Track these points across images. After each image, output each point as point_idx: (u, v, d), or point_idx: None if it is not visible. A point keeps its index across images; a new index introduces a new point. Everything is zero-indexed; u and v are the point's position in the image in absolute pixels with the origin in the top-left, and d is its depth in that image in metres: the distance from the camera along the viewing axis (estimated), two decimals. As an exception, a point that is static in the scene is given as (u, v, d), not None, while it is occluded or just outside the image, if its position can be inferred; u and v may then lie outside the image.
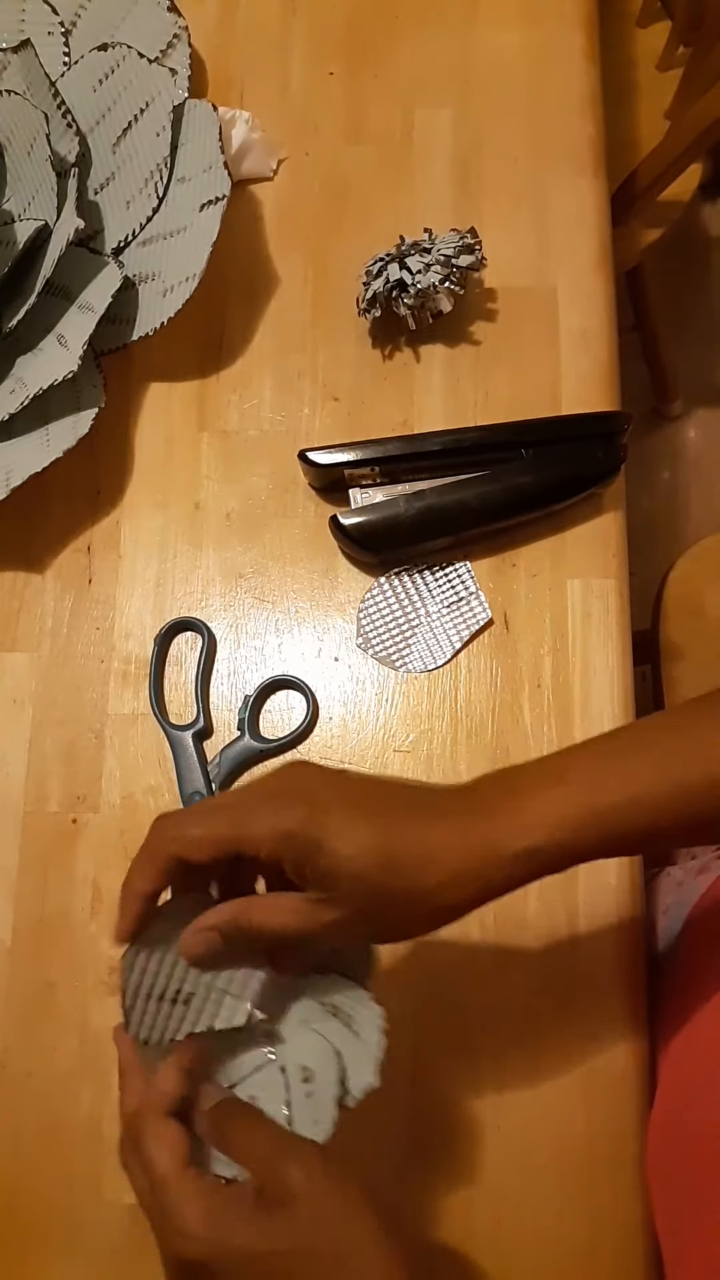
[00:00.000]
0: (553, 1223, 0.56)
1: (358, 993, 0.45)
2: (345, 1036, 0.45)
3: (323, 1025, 0.45)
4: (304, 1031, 0.46)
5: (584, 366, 0.69)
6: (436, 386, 0.70)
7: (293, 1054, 0.45)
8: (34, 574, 0.69)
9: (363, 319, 0.70)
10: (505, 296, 0.71)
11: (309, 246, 0.74)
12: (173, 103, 0.69)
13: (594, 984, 0.59)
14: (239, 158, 0.73)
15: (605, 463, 0.64)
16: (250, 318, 0.72)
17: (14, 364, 0.69)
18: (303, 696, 0.65)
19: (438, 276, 0.66)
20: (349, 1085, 0.44)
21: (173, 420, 0.71)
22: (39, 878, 0.64)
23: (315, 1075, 0.44)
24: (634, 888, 0.60)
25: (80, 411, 0.66)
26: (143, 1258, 0.57)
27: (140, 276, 0.69)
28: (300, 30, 0.78)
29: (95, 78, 0.71)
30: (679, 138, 0.97)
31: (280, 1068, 0.45)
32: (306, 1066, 0.44)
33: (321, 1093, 0.43)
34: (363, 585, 0.67)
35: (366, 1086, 0.43)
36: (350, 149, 0.75)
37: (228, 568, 0.68)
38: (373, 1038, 0.44)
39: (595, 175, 0.73)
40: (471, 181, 0.73)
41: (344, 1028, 0.45)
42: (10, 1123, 0.60)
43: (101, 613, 0.68)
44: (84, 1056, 0.61)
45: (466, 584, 0.65)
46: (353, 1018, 0.45)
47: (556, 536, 0.66)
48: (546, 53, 0.76)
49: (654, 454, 1.57)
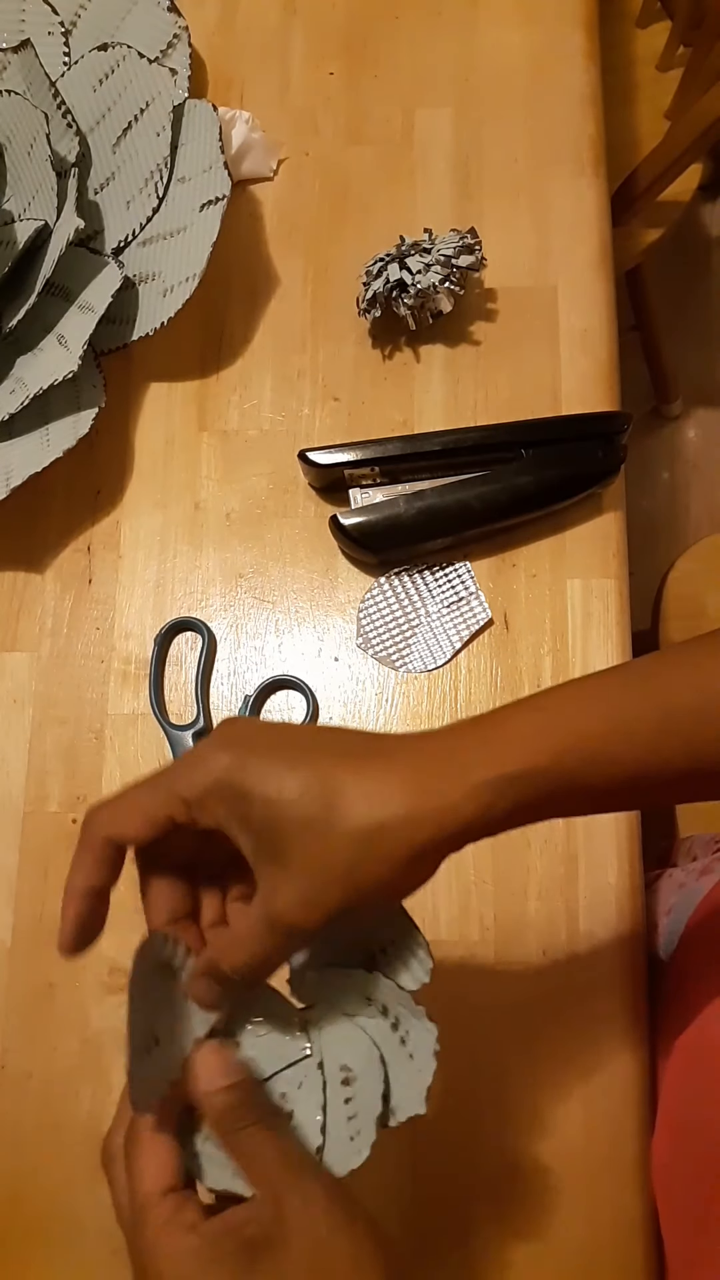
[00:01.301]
0: (553, 1223, 0.56)
1: (410, 1003, 0.40)
2: (393, 1045, 0.39)
3: (368, 1021, 0.40)
4: (345, 1023, 0.40)
5: (584, 366, 0.69)
6: (436, 386, 0.70)
7: (331, 1047, 0.40)
8: (34, 574, 0.69)
9: (363, 319, 0.70)
10: (505, 296, 0.71)
11: (309, 246, 0.74)
12: (173, 103, 0.69)
13: (594, 984, 0.59)
14: (239, 158, 0.73)
15: (605, 463, 0.64)
16: (250, 318, 0.73)
17: (14, 364, 0.69)
18: (303, 696, 0.65)
19: (438, 277, 0.66)
20: (393, 1105, 0.38)
21: (173, 420, 0.71)
22: (39, 878, 0.64)
23: (356, 1080, 0.39)
24: (634, 888, 0.60)
25: (80, 411, 0.66)
26: (143, 1258, 0.58)
27: (140, 276, 0.69)
28: (300, 30, 0.78)
29: (95, 78, 0.71)
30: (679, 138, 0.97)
31: (318, 1064, 0.40)
32: (347, 1066, 0.39)
33: (364, 1106, 0.38)
34: (363, 585, 0.67)
35: (413, 1114, 0.38)
36: (350, 149, 0.75)
37: (228, 568, 0.68)
38: (425, 1058, 0.38)
39: (595, 175, 0.73)
40: (471, 181, 0.73)
41: (391, 1033, 0.40)
42: (10, 1123, 0.60)
43: (101, 613, 0.68)
44: (84, 1056, 0.61)
45: (466, 584, 0.65)
46: (405, 1028, 0.39)
47: (556, 536, 0.66)
48: (546, 53, 0.76)
49: (654, 454, 1.57)
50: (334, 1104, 0.39)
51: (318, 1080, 0.39)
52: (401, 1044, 0.39)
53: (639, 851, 0.61)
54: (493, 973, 0.59)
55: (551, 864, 0.60)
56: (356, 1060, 0.39)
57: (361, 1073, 0.39)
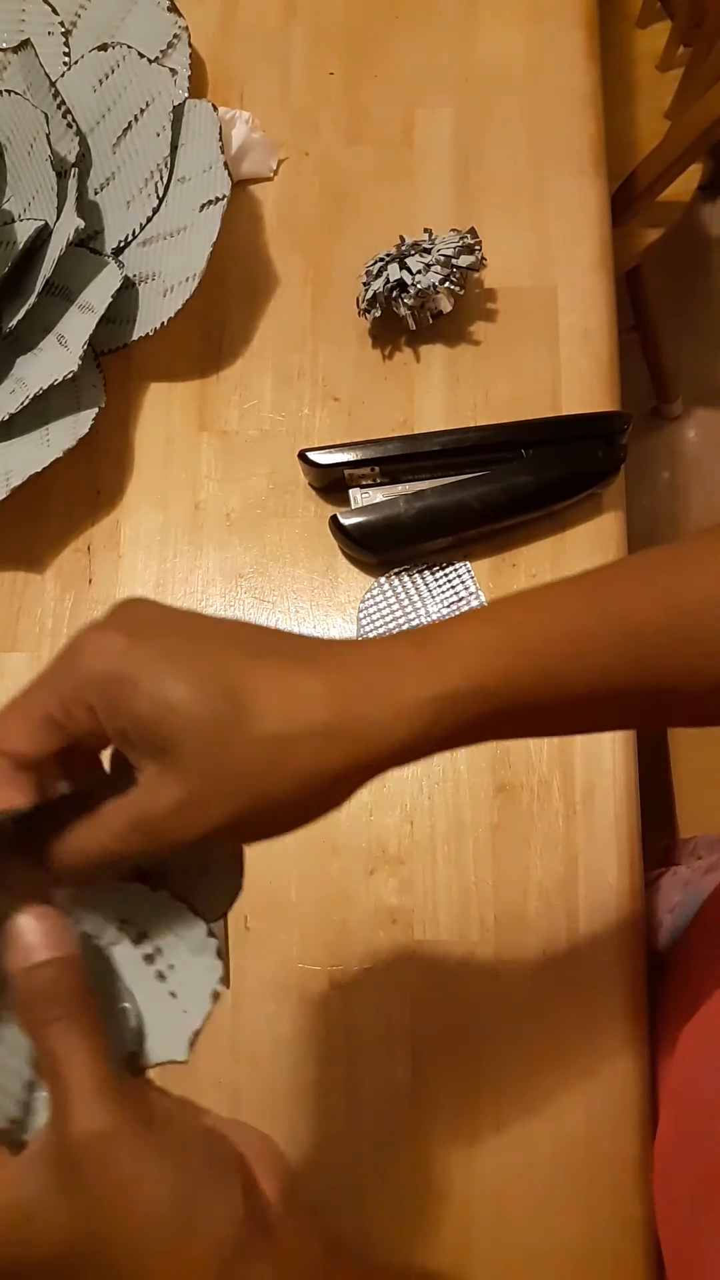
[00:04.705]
0: (553, 1223, 0.56)
1: (190, 928, 0.33)
2: (144, 980, 0.33)
3: (113, 949, 0.34)
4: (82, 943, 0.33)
5: (584, 366, 0.69)
6: (436, 386, 0.70)
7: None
8: (34, 574, 0.69)
9: (363, 319, 0.70)
10: (505, 296, 0.71)
11: (309, 246, 0.74)
12: (173, 103, 0.69)
13: (594, 984, 0.59)
14: (239, 158, 0.73)
15: (605, 463, 0.64)
16: (250, 318, 0.72)
17: (14, 364, 0.69)
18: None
19: (438, 276, 0.66)
20: (148, 1047, 0.33)
21: (173, 420, 0.71)
22: (39, 878, 0.64)
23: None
24: (635, 889, 0.60)
25: (80, 411, 0.66)
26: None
27: (140, 276, 0.69)
28: (300, 30, 0.78)
29: (95, 78, 0.71)
30: (679, 138, 0.97)
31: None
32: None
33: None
34: (363, 585, 0.67)
35: (170, 1059, 0.32)
36: (350, 149, 0.75)
37: (228, 568, 0.68)
38: (194, 999, 0.32)
39: (595, 175, 0.73)
40: (471, 181, 0.73)
41: (144, 964, 0.33)
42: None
43: (102, 613, 0.68)
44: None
45: (466, 584, 0.65)
46: (167, 961, 0.33)
47: (556, 536, 0.66)
48: (546, 53, 0.76)
49: (654, 454, 1.57)
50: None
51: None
52: (159, 979, 0.33)
53: (639, 852, 0.61)
54: (493, 973, 0.59)
55: (552, 864, 0.60)
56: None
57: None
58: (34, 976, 0.30)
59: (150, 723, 0.30)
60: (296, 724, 0.30)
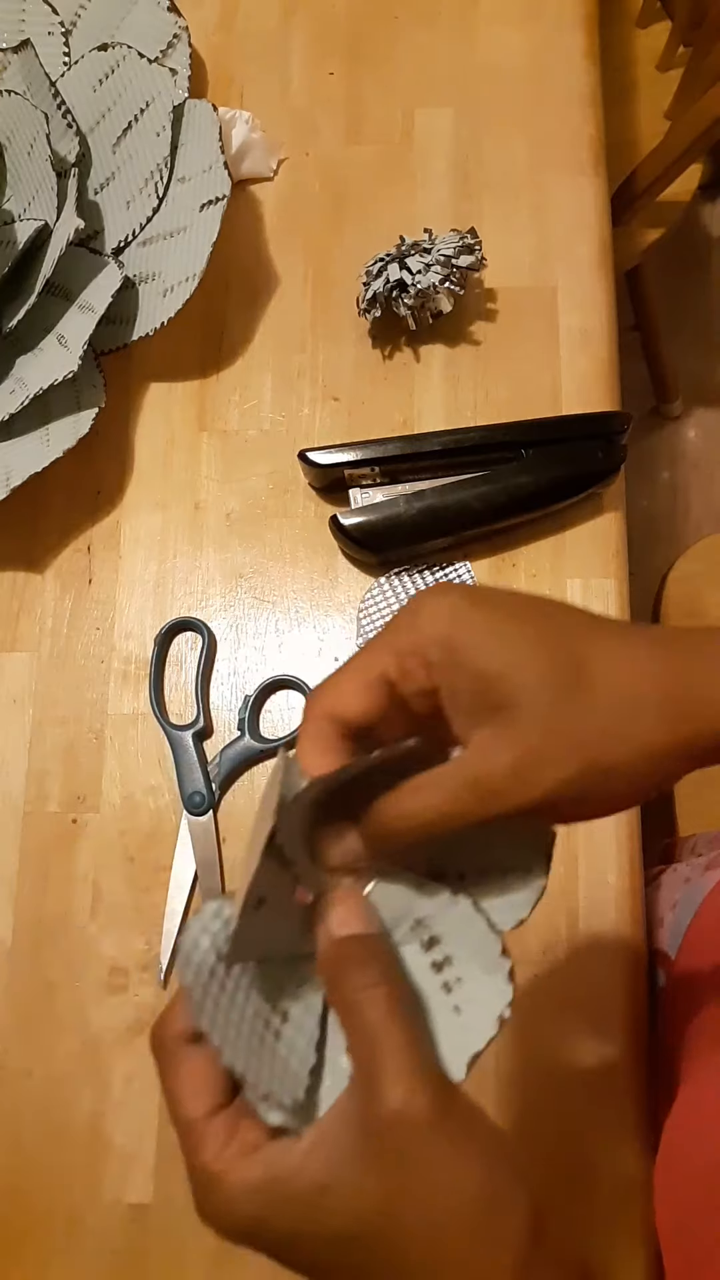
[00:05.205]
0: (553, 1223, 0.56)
1: (486, 944, 0.32)
2: (431, 988, 0.32)
3: (404, 949, 0.33)
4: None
5: (584, 366, 0.69)
6: (436, 386, 0.70)
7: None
8: (34, 574, 0.69)
9: (363, 319, 0.70)
10: (505, 296, 0.71)
11: (309, 246, 0.74)
12: (173, 103, 0.69)
13: (594, 983, 0.59)
14: (239, 158, 0.73)
15: (605, 463, 0.64)
16: (250, 318, 0.73)
17: (14, 364, 0.69)
18: (303, 696, 0.65)
19: (438, 276, 0.66)
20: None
21: (173, 420, 0.71)
22: (39, 878, 0.64)
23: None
24: (634, 888, 0.60)
25: (80, 411, 0.66)
26: (143, 1258, 0.58)
27: (140, 276, 0.69)
28: (300, 30, 0.78)
29: (95, 78, 0.71)
30: (679, 138, 0.97)
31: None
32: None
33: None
34: (363, 585, 0.67)
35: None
36: (350, 149, 0.75)
37: (228, 568, 0.68)
38: (480, 1019, 0.31)
39: (595, 175, 0.73)
40: (471, 181, 0.73)
41: (432, 973, 0.32)
42: (10, 1123, 0.60)
43: (101, 613, 0.68)
44: (84, 1056, 0.61)
45: (467, 584, 0.65)
46: (455, 973, 0.32)
47: (556, 536, 0.66)
48: (546, 53, 0.76)
49: (654, 454, 1.57)
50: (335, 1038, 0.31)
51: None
52: (445, 990, 0.32)
53: (639, 851, 0.61)
54: (493, 973, 0.59)
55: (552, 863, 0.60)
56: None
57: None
58: (348, 945, 0.30)
59: (493, 678, 0.30)
60: (638, 693, 0.30)
